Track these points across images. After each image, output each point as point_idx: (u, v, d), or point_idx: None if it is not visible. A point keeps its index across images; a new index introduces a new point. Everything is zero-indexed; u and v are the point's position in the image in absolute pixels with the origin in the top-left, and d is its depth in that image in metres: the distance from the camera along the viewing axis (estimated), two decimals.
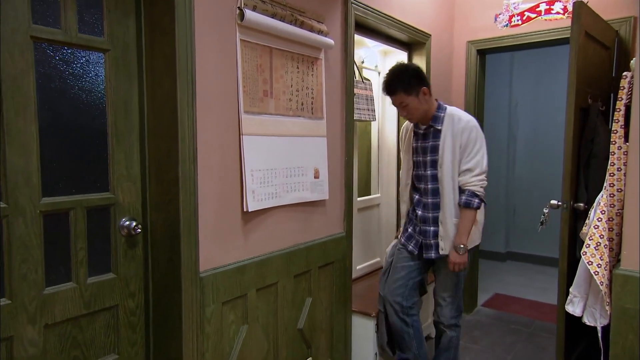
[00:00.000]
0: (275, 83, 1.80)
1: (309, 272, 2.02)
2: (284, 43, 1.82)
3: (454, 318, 2.18)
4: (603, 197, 1.76)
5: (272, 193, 1.80)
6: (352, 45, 2.21)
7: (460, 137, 2.03)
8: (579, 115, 2.15)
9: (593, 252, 1.65)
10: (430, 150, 2.10)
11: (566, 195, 2.12)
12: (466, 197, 2.02)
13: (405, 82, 2.00)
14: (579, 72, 2.10)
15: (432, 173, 2.09)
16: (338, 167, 2.18)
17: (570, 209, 2.12)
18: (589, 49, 2.26)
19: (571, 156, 2.09)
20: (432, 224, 2.10)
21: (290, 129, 1.88)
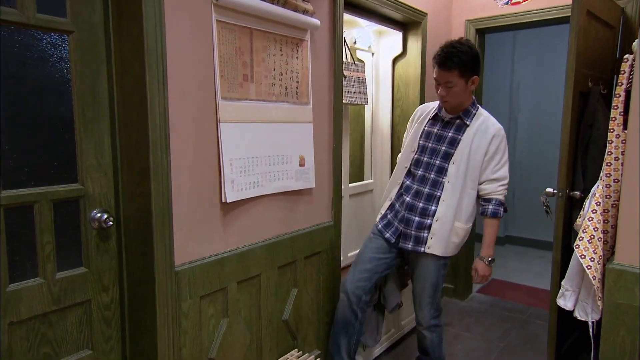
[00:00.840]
0: (256, 67, 1.71)
1: (295, 263, 1.97)
2: (265, 24, 1.72)
3: (434, 319, 2.09)
4: (599, 187, 1.68)
5: (253, 182, 1.73)
6: (340, 26, 2.10)
7: (490, 143, 1.94)
8: (577, 100, 2.05)
9: (586, 245, 1.58)
10: (448, 141, 1.97)
11: (562, 183, 2.04)
12: (494, 206, 1.95)
13: (466, 61, 1.86)
14: (579, 55, 1.99)
15: (440, 164, 1.97)
16: (326, 154, 2.10)
17: (566, 197, 2.05)
18: (591, 29, 2.14)
19: (568, 143, 2.00)
20: (418, 214, 1.98)
21: (273, 115, 1.80)
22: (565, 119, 1.99)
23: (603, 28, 2.29)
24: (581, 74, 2.06)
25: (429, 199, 1.98)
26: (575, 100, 2.02)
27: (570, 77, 1.96)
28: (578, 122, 2.12)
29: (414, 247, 1.99)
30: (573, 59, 1.95)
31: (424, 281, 2.04)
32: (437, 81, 1.93)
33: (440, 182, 1.96)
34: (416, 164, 2.05)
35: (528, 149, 4.98)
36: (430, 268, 2.01)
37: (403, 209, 2.04)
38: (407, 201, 2.03)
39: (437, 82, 1.93)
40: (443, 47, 1.90)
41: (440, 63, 1.88)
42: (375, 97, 2.99)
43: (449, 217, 1.94)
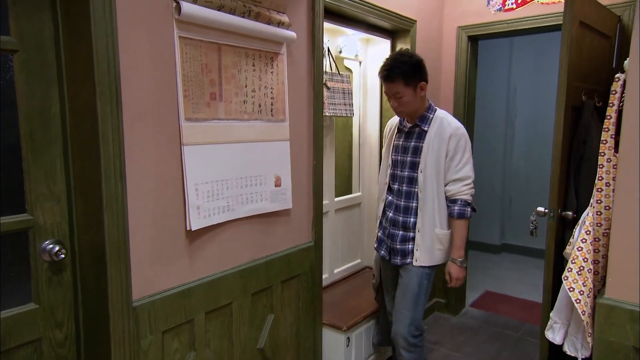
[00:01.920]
0: (225, 84, 1.61)
1: (270, 288, 1.87)
2: (235, 38, 1.62)
3: (413, 337, 2.00)
4: (589, 214, 1.57)
5: (223, 207, 1.63)
6: (320, 37, 2.00)
7: (447, 143, 1.94)
8: (570, 115, 1.94)
9: (575, 277, 1.48)
10: (411, 151, 2.01)
11: (553, 202, 1.94)
12: (459, 207, 1.95)
13: (407, 71, 1.90)
14: (571, 68, 1.88)
15: (409, 175, 2.01)
16: (305, 172, 2.00)
17: (557, 217, 1.94)
18: (584, 40, 2.04)
19: (560, 161, 1.90)
20: (400, 228, 2.02)
21: (245, 134, 1.70)
22: (557, 135, 1.89)
23: (598, 38, 2.19)
24: (573, 87, 1.95)
25: (406, 211, 2.01)
26: (567, 116, 1.91)
27: (562, 91, 1.85)
28: (571, 138, 2.02)
29: (402, 261, 2.02)
30: (565, 73, 1.84)
31: (404, 290, 2.02)
32: (387, 94, 1.98)
33: (413, 192, 2.00)
34: (393, 179, 2.08)
35: (525, 154, 4.87)
36: (412, 277, 2.00)
37: (388, 224, 2.09)
38: (390, 216, 2.08)
39: (387, 95, 1.99)
40: (385, 61, 1.95)
41: (384, 77, 1.93)
42: (363, 107, 2.89)
43: (429, 226, 1.97)
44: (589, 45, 2.08)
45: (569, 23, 1.80)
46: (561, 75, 1.84)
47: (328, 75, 2.41)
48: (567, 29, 1.81)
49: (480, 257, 4.62)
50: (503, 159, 4.92)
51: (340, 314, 2.32)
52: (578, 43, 1.96)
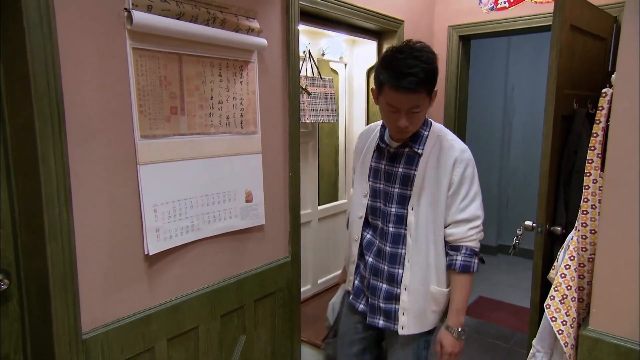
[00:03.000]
0: (188, 97, 1.51)
1: (242, 308, 1.78)
2: (199, 47, 1.52)
3: None
4: (573, 239, 1.47)
5: (187, 227, 1.54)
6: (295, 42, 1.89)
7: (452, 172, 1.44)
8: (559, 124, 1.84)
9: (558, 306, 1.38)
10: (400, 181, 1.48)
11: (541, 217, 1.84)
12: (464, 257, 1.45)
13: (434, 75, 1.36)
14: (561, 74, 1.77)
15: (397, 212, 1.48)
16: (280, 185, 1.91)
17: (545, 232, 1.84)
18: (576, 44, 1.92)
19: (548, 173, 1.79)
20: (385, 281, 1.51)
21: (211, 149, 1.60)
22: (545, 146, 1.78)
23: (592, 41, 2.07)
24: (564, 95, 1.84)
25: (393, 260, 1.49)
26: (556, 126, 1.81)
27: (551, 100, 1.75)
28: (561, 148, 1.91)
29: (385, 325, 1.52)
30: (554, 80, 1.73)
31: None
32: (395, 108, 1.36)
33: (402, 235, 1.48)
34: (372, 213, 1.55)
35: (523, 154, 4.76)
36: (408, 355, 1.54)
37: (368, 273, 1.56)
38: (370, 263, 1.55)
39: (394, 109, 1.36)
40: (400, 57, 1.31)
41: (407, 87, 1.30)
42: (348, 111, 2.79)
43: (420, 283, 1.47)
44: (581, 50, 1.97)
45: (559, 27, 1.69)
46: (550, 83, 1.73)
47: (309, 79, 2.31)
48: (557, 33, 1.70)
49: None
50: (500, 159, 4.81)
51: (322, 329, 2.24)
52: (569, 48, 1.84)
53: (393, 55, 1.34)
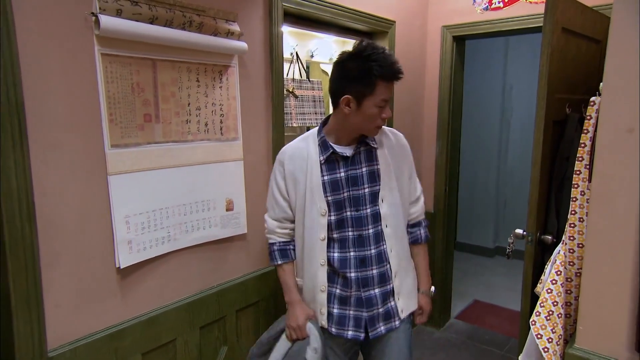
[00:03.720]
0: (163, 104, 1.46)
1: (223, 319, 1.74)
2: (174, 52, 1.47)
3: None
4: (560, 252, 1.42)
5: (162, 238, 1.49)
6: (279, 46, 1.84)
7: (404, 156, 1.55)
8: (551, 131, 1.78)
9: (543, 322, 1.33)
10: (368, 179, 1.46)
11: (532, 226, 1.78)
12: (424, 229, 1.64)
13: None
14: (552, 79, 1.71)
15: (372, 211, 1.47)
16: (263, 192, 1.85)
17: (536, 241, 1.79)
18: (569, 48, 1.86)
19: (539, 181, 1.74)
20: (377, 285, 1.47)
21: (189, 157, 1.55)
22: (536, 153, 1.73)
23: (586, 43, 2.00)
24: (555, 100, 1.78)
25: (380, 259, 1.48)
26: (547, 132, 1.75)
27: (542, 106, 1.69)
28: (553, 154, 1.85)
29: (387, 326, 1.49)
30: (545, 86, 1.67)
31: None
32: (385, 101, 1.38)
33: (380, 231, 1.48)
34: (339, 227, 1.47)
35: (521, 154, 4.70)
36: (402, 342, 1.53)
37: (353, 290, 1.47)
38: (354, 277, 1.46)
39: (383, 103, 1.37)
40: (383, 55, 1.35)
41: (397, 77, 1.37)
42: None
43: (405, 263, 1.53)
44: (575, 53, 1.90)
45: (549, 31, 1.63)
46: (540, 88, 1.67)
47: (296, 82, 2.25)
48: (547, 37, 1.63)
49: (472, 261, 4.48)
50: (498, 159, 4.75)
51: None
52: (561, 51, 1.78)
53: (374, 53, 1.34)
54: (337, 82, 1.41)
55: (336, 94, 1.40)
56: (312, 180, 1.46)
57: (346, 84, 1.37)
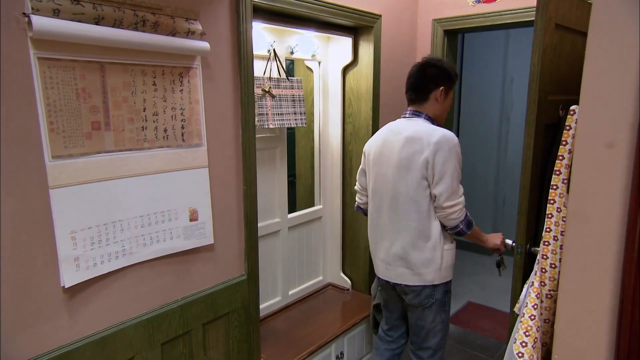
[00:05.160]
0: (113, 110, 1.36)
1: (189, 334, 1.66)
2: (126, 55, 1.37)
3: None
4: (537, 274, 1.31)
5: (116, 252, 1.41)
6: (248, 45, 1.73)
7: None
8: (542, 135, 1.66)
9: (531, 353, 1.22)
10: None
11: (521, 237, 1.67)
12: None
13: None
14: (544, 80, 1.59)
15: None
16: (233, 200, 1.77)
17: (525, 253, 1.68)
18: (564, 45, 1.73)
19: (529, 189, 1.62)
20: None
21: (145, 165, 1.46)
22: (526, 160, 1.61)
23: (582, 40, 1.85)
24: (548, 102, 1.65)
25: None
26: (539, 137, 1.63)
27: (532, 109, 1.56)
28: (545, 159, 1.74)
29: None
30: (535, 87, 1.55)
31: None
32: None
33: None
34: None
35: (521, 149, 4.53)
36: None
37: None
38: None
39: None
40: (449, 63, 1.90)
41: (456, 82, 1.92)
42: (323, 112, 2.62)
43: None
44: (569, 50, 1.77)
45: (542, 28, 1.50)
46: (531, 90, 1.55)
47: (274, 81, 2.14)
48: (540, 35, 1.51)
49: (469, 260, 4.37)
50: (497, 155, 4.62)
51: (285, 346, 2.12)
52: (556, 49, 1.66)
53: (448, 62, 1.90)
54: (428, 80, 1.81)
55: (429, 89, 1.81)
56: None
57: (439, 81, 1.81)
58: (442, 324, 1.91)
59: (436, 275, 1.81)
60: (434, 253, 1.77)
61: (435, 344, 1.93)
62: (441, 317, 1.90)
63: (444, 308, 1.90)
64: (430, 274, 1.79)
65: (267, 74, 2.15)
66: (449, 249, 1.83)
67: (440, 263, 1.79)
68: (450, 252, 1.84)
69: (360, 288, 2.70)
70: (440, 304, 1.86)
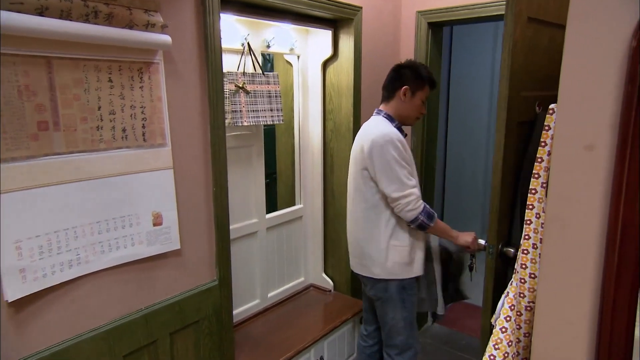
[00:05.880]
0: (63, 109, 1.27)
1: (154, 344, 1.58)
2: (76, 49, 1.27)
3: None
4: (513, 284, 1.24)
5: (69, 261, 1.31)
6: (216, 37, 1.63)
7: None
8: (516, 133, 1.58)
9: None
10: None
11: (492, 237, 1.61)
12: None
13: None
14: (517, 76, 1.51)
15: None
16: (202, 202, 1.68)
17: (497, 253, 1.62)
18: (540, 39, 1.65)
19: (500, 189, 1.55)
20: None
21: (102, 168, 1.37)
22: (497, 159, 1.53)
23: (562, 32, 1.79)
24: (521, 99, 1.58)
25: None
26: (511, 135, 1.55)
27: (503, 107, 1.49)
28: (520, 157, 1.67)
29: None
30: (506, 84, 1.47)
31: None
32: (425, 101, 1.92)
33: None
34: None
35: None
36: None
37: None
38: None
39: (424, 101, 1.92)
40: (427, 68, 1.92)
41: (435, 86, 1.94)
42: (303, 107, 2.53)
43: None
44: (547, 44, 1.69)
45: (512, 22, 1.42)
46: (502, 86, 1.47)
47: (248, 77, 2.05)
48: (509, 30, 1.43)
49: None
50: (486, 149, 4.55)
51: (262, 352, 2.04)
52: (530, 44, 1.58)
53: (424, 66, 1.93)
54: (395, 79, 1.87)
55: (395, 87, 1.86)
56: (410, 155, 1.83)
57: (405, 80, 1.85)
58: (405, 322, 1.90)
59: (382, 270, 1.83)
60: (379, 247, 1.81)
61: (401, 342, 1.92)
62: (402, 314, 1.88)
63: (404, 305, 1.88)
64: (376, 267, 1.84)
65: (242, 69, 2.06)
66: (399, 245, 1.82)
67: (384, 258, 1.81)
68: (401, 249, 1.83)
69: (342, 289, 2.62)
70: (397, 300, 1.87)
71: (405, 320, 1.90)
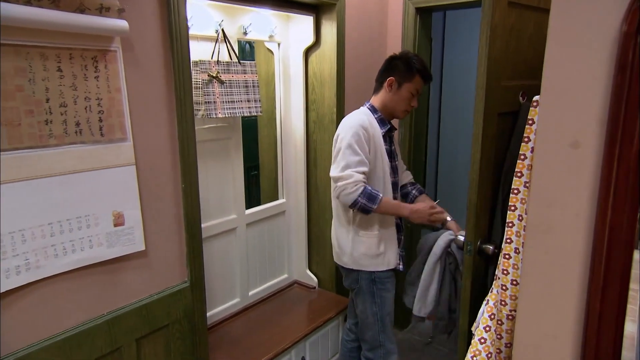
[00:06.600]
0: (5, 101, 1.16)
1: (119, 350, 1.49)
2: (17, 34, 1.15)
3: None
4: (493, 291, 1.16)
5: (16, 267, 1.22)
6: (181, 23, 1.52)
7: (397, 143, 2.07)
8: (495, 125, 1.49)
9: None
10: (396, 156, 1.94)
11: (470, 233, 1.53)
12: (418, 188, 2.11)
13: None
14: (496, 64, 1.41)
15: (397, 180, 1.94)
16: (170, 200, 1.58)
17: (475, 251, 1.53)
18: (524, 25, 1.55)
19: (477, 183, 1.46)
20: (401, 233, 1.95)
21: (51, 165, 1.26)
22: (474, 152, 1.44)
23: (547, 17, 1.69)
24: (501, 89, 1.48)
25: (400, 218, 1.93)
26: (490, 127, 1.46)
27: (480, 97, 1.39)
28: (503, 150, 1.57)
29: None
30: (484, 72, 1.37)
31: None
32: (417, 93, 1.83)
33: (398, 197, 1.96)
34: (394, 189, 1.89)
35: None
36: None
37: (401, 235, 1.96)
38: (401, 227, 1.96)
39: (416, 93, 1.82)
40: (421, 60, 1.81)
41: (430, 78, 1.84)
42: (284, 98, 2.42)
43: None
44: (532, 30, 1.59)
45: (489, 7, 1.32)
46: (479, 75, 1.37)
47: (222, 65, 1.93)
48: (487, 16, 1.32)
49: None
50: None
51: (240, 355, 1.96)
52: (511, 30, 1.48)
53: (419, 60, 1.80)
54: (384, 70, 1.83)
55: (384, 78, 1.82)
56: (379, 148, 1.77)
57: (392, 71, 1.79)
58: (375, 318, 1.83)
59: (350, 260, 1.84)
60: (346, 237, 1.83)
61: (370, 338, 1.87)
62: (372, 309, 1.83)
63: (374, 300, 1.82)
64: (345, 256, 1.85)
65: (215, 58, 1.94)
66: (366, 236, 1.80)
67: (350, 248, 1.82)
68: (368, 240, 1.80)
69: (327, 286, 2.54)
70: (367, 293, 1.83)
71: (374, 316, 1.84)
